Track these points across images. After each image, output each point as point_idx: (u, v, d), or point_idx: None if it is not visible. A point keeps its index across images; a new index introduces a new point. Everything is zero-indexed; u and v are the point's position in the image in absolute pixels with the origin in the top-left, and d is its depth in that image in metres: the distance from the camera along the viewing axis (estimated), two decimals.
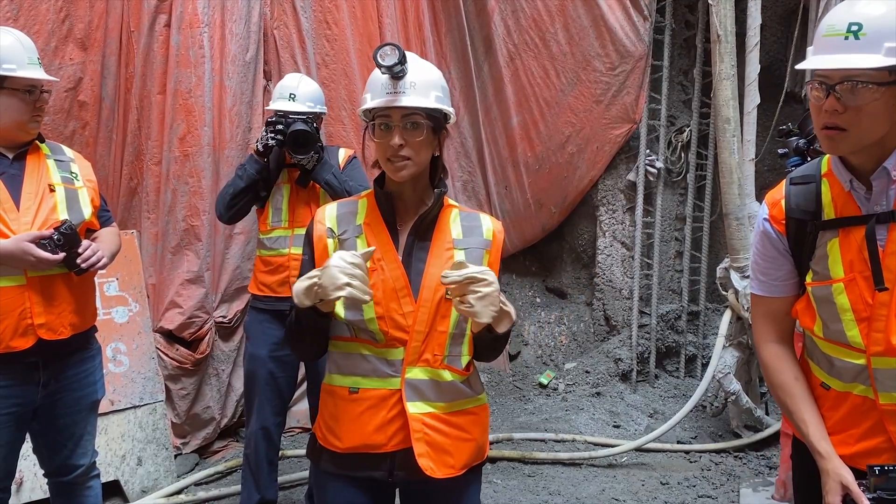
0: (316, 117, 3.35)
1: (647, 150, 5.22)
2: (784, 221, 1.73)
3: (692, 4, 5.28)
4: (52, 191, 2.42)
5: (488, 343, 1.82)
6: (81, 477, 2.60)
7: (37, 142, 2.50)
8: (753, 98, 4.49)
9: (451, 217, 1.88)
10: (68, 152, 2.61)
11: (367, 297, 1.66)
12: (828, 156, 1.71)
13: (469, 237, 1.86)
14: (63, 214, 2.40)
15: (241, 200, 3.26)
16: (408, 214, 1.85)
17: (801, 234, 1.71)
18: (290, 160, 3.26)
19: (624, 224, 5.39)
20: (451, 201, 1.93)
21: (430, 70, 1.84)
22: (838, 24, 1.54)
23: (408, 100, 1.75)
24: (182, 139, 4.19)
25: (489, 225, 1.90)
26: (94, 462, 2.67)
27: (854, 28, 1.52)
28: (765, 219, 1.77)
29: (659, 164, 5.23)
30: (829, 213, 1.67)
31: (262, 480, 3.34)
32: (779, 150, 3.53)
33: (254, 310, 3.39)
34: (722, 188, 4.50)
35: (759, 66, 4.50)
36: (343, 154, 3.42)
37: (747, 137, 4.51)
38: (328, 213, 1.88)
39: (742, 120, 4.49)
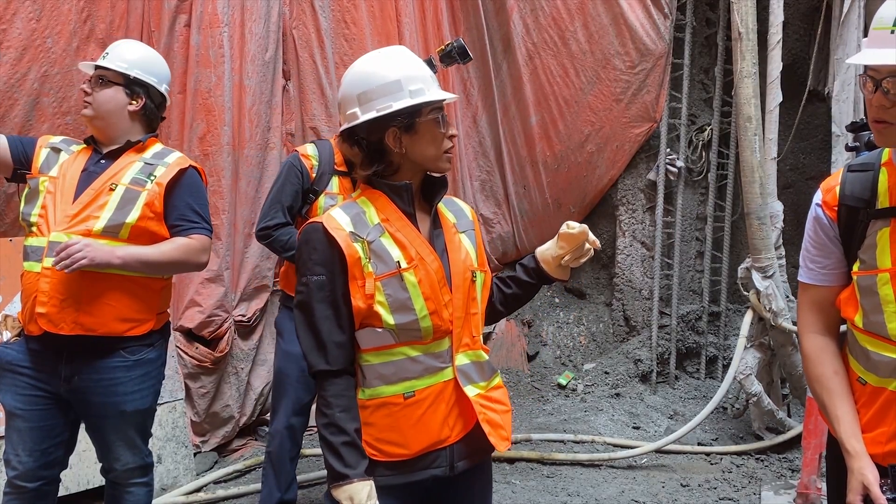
0: None
1: (668, 149, 5.18)
2: (836, 208, 1.70)
3: (713, 2, 5.23)
4: (111, 190, 2.42)
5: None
6: (119, 479, 2.60)
7: (142, 141, 2.52)
8: (775, 96, 4.44)
9: (440, 204, 1.94)
10: (171, 159, 2.53)
11: None
12: None
13: (460, 220, 1.93)
14: (108, 213, 2.39)
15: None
16: (419, 205, 1.85)
17: (853, 221, 1.67)
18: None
19: (644, 224, 5.35)
20: None
21: None
22: (886, 17, 1.51)
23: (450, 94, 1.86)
24: (202, 139, 4.21)
25: (466, 207, 2.00)
26: (137, 468, 2.60)
27: None
28: (818, 204, 1.74)
29: (679, 164, 5.19)
30: (883, 201, 1.64)
31: (284, 478, 3.33)
32: (847, 144, 3.38)
33: (286, 308, 3.34)
34: (743, 187, 4.45)
35: (782, 63, 4.45)
36: None
37: (769, 136, 4.47)
38: (342, 220, 1.74)
39: (764, 118, 4.45)
